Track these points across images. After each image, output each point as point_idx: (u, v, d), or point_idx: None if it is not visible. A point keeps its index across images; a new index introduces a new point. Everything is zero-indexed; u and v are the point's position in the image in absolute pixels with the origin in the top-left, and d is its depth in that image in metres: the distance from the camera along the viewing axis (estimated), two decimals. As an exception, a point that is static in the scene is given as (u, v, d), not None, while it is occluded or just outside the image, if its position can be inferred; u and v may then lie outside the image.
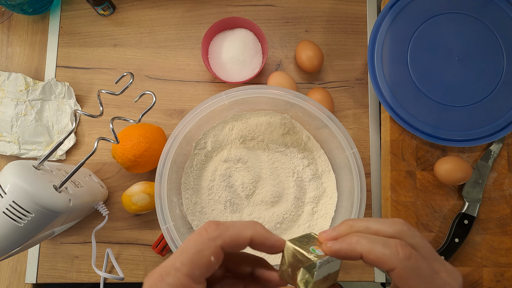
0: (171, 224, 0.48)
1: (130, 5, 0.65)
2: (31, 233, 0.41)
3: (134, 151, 0.54)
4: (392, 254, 0.23)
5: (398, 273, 0.23)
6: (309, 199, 0.56)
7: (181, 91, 0.63)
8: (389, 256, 0.23)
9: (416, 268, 0.23)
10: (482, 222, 0.58)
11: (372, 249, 0.24)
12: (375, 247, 0.24)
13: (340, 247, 0.25)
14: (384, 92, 0.56)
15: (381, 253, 0.23)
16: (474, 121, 0.56)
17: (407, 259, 0.23)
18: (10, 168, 0.40)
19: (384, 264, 0.23)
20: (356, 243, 0.24)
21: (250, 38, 0.61)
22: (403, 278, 0.23)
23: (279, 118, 0.56)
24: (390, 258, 0.23)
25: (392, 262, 0.23)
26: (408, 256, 0.23)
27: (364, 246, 0.24)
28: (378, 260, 0.23)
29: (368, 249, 0.24)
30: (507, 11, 0.57)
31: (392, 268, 0.23)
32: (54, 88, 0.61)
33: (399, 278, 0.23)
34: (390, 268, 0.23)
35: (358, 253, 0.24)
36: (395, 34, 0.57)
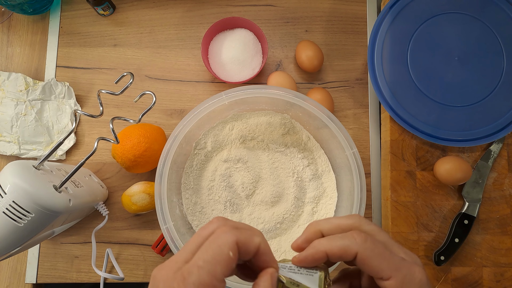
0: (171, 224, 0.48)
1: (130, 5, 0.65)
2: (31, 233, 0.41)
3: (134, 151, 0.54)
4: (350, 241, 0.26)
5: (360, 257, 0.25)
6: (309, 199, 0.56)
7: (181, 91, 0.63)
8: (348, 244, 0.26)
9: (374, 249, 0.26)
10: (482, 222, 0.58)
11: (333, 244, 0.26)
12: (335, 242, 0.26)
13: (306, 253, 0.27)
14: (384, 92, 0.56)
15: (342, 243, 0.26)
16: (474, 121, 0.56)
17: (364, 242, 0.26)
18: (10, 168, 0.40)
19: (347, 252, 0.25)
20: (318, 245, 0.27)
21: (250, 38, 0.61)
22: (365, 260, 0.25)
23: (279, 118, 0.56)
24: (349, 245, 0.26)
25: (352, 248, 0.25)
26: (364, 239, 0.26)
27: (325, 244, 0.26)
28: (341, 251, 0.26)
29: (329, 245, 0.26)
30: (507, 11, 0.57)
31: (354, 253, 0.25)
32: (54, 88, 0.61)
33: (362, 261, 0.25)
34: (353, 254, 0.25)
35: (323, 252, 0.26)
36: (395, 34, 0.57)
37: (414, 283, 0.25)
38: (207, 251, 0.24)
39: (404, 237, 0.57)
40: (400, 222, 0.57)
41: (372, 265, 0.25)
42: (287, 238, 0.56)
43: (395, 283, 0.25)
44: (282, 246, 0.55)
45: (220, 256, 0.23)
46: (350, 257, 0.26)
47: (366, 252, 0.25)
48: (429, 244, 0.57)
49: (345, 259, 0.26)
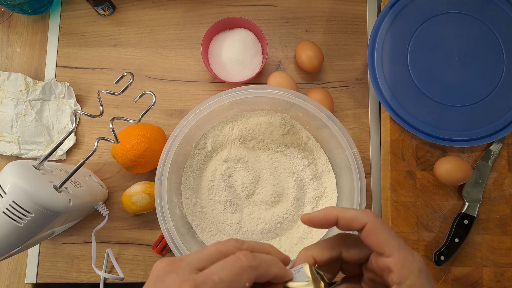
0: (171, 224, 0.48)
1: (130, 5, 0.65)
2: (31, 233, 0.41)
3: (134, 151, 0.54)
4: (362, 212, 0.28)
5: (369, 227, 0.27)
6: (309, 199, 0.56)
7: (181, 91, 0.63)
8: (360, 214, 0.27)
9: (383, 225, 0.27)
10: (482, 222, 0.58)
11: (345, 211, 0.28)
12: (348, 210, 0.28)
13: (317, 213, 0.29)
14: (384, 92, 0.56)
15: (354, 212, 0.28)
16: (474, 121, 0.56)
17: (375, 217, 0.27)
18: (10, 168, 0.40)
19: (357, 221, 0.27)
20: (332, 209, 0.28)
21: (250, 38, 0.61)
22: (372, 231, 0.27)
23: (279, 118, 0.56)
24: (361, 215, 0.27)
25: (363, 218, 0.27)
26: (376, 216, 0.28)
27: (339, 210, 0.28)
28: (352, 218, 0.27)
29: (342, 211, 0.28)
30: (507, 11, 0.57)
31: (364, 223, 0.27)
32: (54, 88, 0.61)
33: (369, 233, 0.27)
34: (362, 225, 0.27)
35: (334, 215, 0.28)
36: (395, 34, 0.57)
37: (414, 264, 0.26)
38: (225, 270, 0.24)
39: (404, 237, 0.57)
40: (400, 222, 0.57)
41: (378, 238, 0.26)
42: (287, 238, 0.56)
43: (396, 261, 0.25)
44: (282, 246, 0.55)
45: (237, 282, 0.24)
46: (358, 226, 0.27)
47: (376, 225, 0.27)
48: (429, 244, 0.57)
49: (353, 229, 0.27)
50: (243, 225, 0.55)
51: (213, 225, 0.56)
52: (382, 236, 0.26)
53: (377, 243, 0.26)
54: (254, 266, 0.25)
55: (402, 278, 0.25)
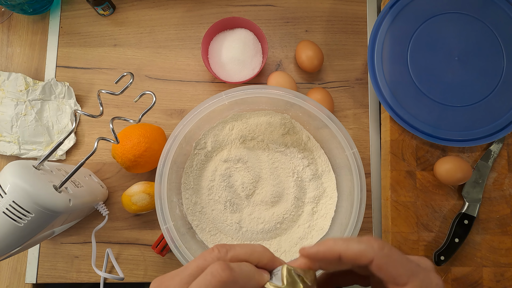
0: (171, 224, 0.48)
1: (130, 5, 0.65)
2: (31, 233, 0.41)
3: (134, 151, 0.54)
4: (367, 247, 0.25)
5: (377, 263, 0.25)
6: (309, 199, 0.56)
7: (181, 91, 0.63)
8: (365, 249, 0.25)
9: (391, 255, 0.25)
10: (482, 222, 0.58)
11: (349, 246, 0.25)
12: (351, 244, 0.25)
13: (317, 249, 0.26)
14: (384, 92, 0.56)
15: (358, 248, 0.25)
16: (474, 121, 0.56)
17: (381, 249, 0.25)
18: (10, 168, 0.40)
19: (362, 257, 0.25)
20: (333, 244, 0.26)
21: (250, 38, 0.61)
22: (382, 267, 0.25)
23: (279, 118, 0.56)
24: (366, 251, 0.25)
25: (369, 254, 0.25)
26: (382, 247, 0.25)
27: (341, 245, 0.26)
28: (356, 255, 0.25)
29: (345, 246, 0.25)
30: (507, 11, 0.57)
31: (371, 259, 0.25)
32: (54, 88, 0.61)
33: (378, 268, 0.25)
34: (369, 260, 0.25)
35: (337, 252, 0.25)
36: (395, 34, 0.57)
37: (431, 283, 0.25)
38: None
39: (404, 237, 0.57)
40: (400, 222, 0.57)
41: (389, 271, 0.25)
42: (287, 238, 0.56)
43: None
44: (282, 246, 0.55)
45: None
46: (365, 262, 0.25)
47: (384, 259, 0.25)
48: (429, 244, 0.57)
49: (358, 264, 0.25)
50: (243, 225, 0.55)
51: (213, 225, 0.56)
52: (393, 268, 0.25)
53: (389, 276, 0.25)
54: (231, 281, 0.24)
55: None
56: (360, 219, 0.49)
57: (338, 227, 0.53)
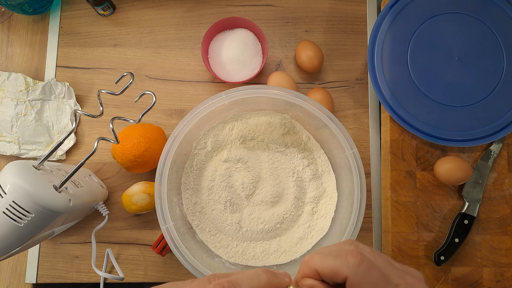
0: (171, 224, 0.48)
1: (130, 5, 0.65)
2: (31, 233, 0.41)
3: (134, 151, 0.54)
4: (342, 263, 0.23)
5: (350, 282, 0.23)
6: (309, 199, 0.56)
7: (181, 91, 0.63)
8: (339, 267, 0.23)
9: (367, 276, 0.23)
10: (482, 222, 0.58)
11: (324, 262, 0.24)
12: (327, 260, 0.24)
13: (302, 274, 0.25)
14: (384, 92, 0.56)
15: (333, 264, 0.23)
16: (474, 121, 0.56)
17: (357, 266, 0.23)
18: (10, 168, 0.40)
19: (337, 275, 0.23)
20: (310, 260, 0.24)
21: (250, 38, 0.61)
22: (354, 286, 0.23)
23: (279, 118, 0.56)
24: (340, 268, 0.23)
25: (342, 271, 0.23)
26: (358, 263, 0.23)
27: (316, 261, 0.24)
28: (332, 272, 0.23)
29: (320, 263, 0.24)
30: (507, 11, 0.57)
31: (345, 277, 0.23)
32: (54, 88, 0.61)
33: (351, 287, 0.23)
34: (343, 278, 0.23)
35: (314, 269, 0.24)
36: (395, 34, 0.57)
37: None
38: None
39: (404, 237, 0.57)
40: (400, 222, 0.57)
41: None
42: (287, 238, 0.56)
43: None
44: (282, 246, 0.55)
45: None
46: (340, 280, 0.23)
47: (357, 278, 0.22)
48: (429, 244, 0.57)
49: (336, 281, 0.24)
50: (243, 225, 0.55)
51: (213, 225, 0.56)
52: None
53: None
54: None
55: None
56: (360, 219, 0.49)
57: (338, 227, 0.53)
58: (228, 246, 0.55)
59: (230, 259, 0.54)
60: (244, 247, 0.55)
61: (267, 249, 0.55)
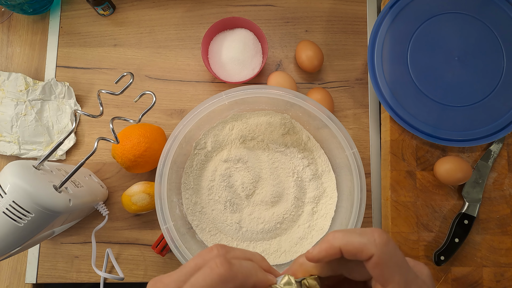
0: (171, 224, 0.48)
1: (130, 5, 0.65)
2: (31, 233, 0.41)
3: (134, 151, 0.54)
4: (369, 241, 0.23)
5: (375, 260, 0.23)
6: (309, 199, 0.56)
7: (181, 91, 0.63)
8: (366, 244, 0.23)
9: (393, 256, 0.23)
10: (482, 222, 0.58)
11: (349, 240, 0.24)
12: (352, 238, 0.24)
13: (319, 249, 0.25)
14: (384, 92, 0.56)
15: (358, 242, 0.23)
16: (474, 121, 0.56)
17: (385, 245, 0.23)
18: (10, 168, 0.40)
19: (363, 252, 0.23)
20: (332, 239, 0.24)
21: (250, 38, 0.61)
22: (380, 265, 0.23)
23: (279, 118, 0.56)
24: (367, 245, 0.23)
25: (369, 249, 0.23)
26: (385, 242, 0.23)
27: (341, 239, 0.24)
28: (356, 249, 0.23)
29: (345, 241, 0.24)
30: (507, 11, 0.57)
31: (370, 255, 0.23)
32: (54, 88, 0.61)
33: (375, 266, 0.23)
34: (369, 256, 0.23)
35: (337, 247, 0.24)
36: (395, 34, 0.57)
37: None
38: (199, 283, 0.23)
39: (404, 237, 0.57)
40: (400, 222, 0.57)
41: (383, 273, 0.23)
42: (287, 238, 0.56)
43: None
44: (282, 246, 0.55)
45: None
46: (365, 258, 0.23)
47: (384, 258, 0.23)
48: (429, 244, 0.57)
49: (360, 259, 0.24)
50: (243, 225, 0.55)
51: (213, 225, 0.56)
52: (388, 271, 0.23)
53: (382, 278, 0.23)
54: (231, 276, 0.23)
55: None
56: (360, 219, 0.49)
57: (338, 227, 0.53)
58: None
59: (230, 259, 0.54)
60: (244, 247, 0.55)
61: (267, 249, 0.55)
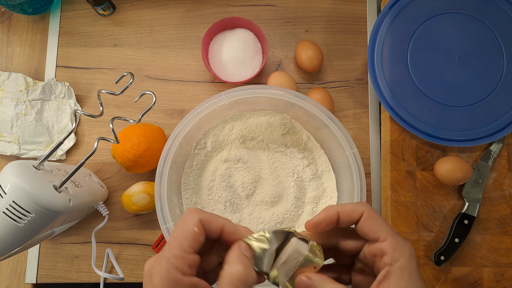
0: (171, 224, 0.48)
1: (130, 5, 0.65)
2: (31, 233, 0.41)
3: (134, 151, 0.54)
4: (358, 204, 0.30)
5: (366, 215, 0.29)
6: (309, 199, 0.56)
7: (181, 91, 0.63)
8: (357, 205, 0.30)
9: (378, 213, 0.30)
10: (482, 222, 0.58)
11: (343, 205, 0.31)
12: (345, 204, 0.31)
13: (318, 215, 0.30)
14: (384, 92, 0.56)
15: (351, 205, 0.30)
16: (474, 121, 0.56)
17: (370, 207, 0.30)
18: (10, 168, 0.40)
19: (355, 211, 0.30)
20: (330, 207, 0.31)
21: (250, 38, 0.61)
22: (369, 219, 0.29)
23: (279, 118, 0.56)
24: (358, 206, 0.30)
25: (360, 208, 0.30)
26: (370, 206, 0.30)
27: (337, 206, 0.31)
28: (350, 210, 0.30)
29: (340, 206, 0.30)
30: (507, 11, 0.57)
31: (361, 212, 0.29)
32: (54, 88, 0.61)
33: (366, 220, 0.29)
34: (360, 213, 0.30)
35: (334, 211, 0.30)
36: (395, 34, 0.57)
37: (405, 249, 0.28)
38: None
39: (404, 237, 0.57)
40: (400, 222, 0.57)
41: (373, 225, 0.29)
42: (287, 238, 0.56)
43: (389, 244, 0.28)
44: (282, 246, 0.55)
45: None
46: (357, 216, 0.30)
47: (371, 213, 0.29)
48: (429, 244, 0.57)
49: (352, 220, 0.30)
50: (243, 225, 0.55)
51: (213, 225, 0.56)
52: (377, 223, 0.29)
53: (373, 229, 0.29)
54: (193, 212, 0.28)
55: (394, 259, 0.28)
56: (360, 219, 0.49)
57: (338, 227, 0.53)
58: (228, 246, 0.55)
59: (230, 259, 0.54)
60: (244, 247, 0.55)
61: (267, 249, 0.55)
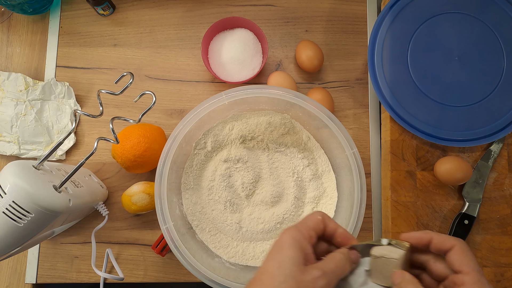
0: (171, 224, 0.48)
1: (130, 5, 0.65)
2: (31, 233, 0.41)
3: (134, 151, 0.54)
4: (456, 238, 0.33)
5: (457, 249, 0.32)
6: (309, 199, 0.56)
7: (181, 91, 0.63)
8: (450, 239, 0.33)
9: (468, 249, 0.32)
10: (482, 222, 0.58)
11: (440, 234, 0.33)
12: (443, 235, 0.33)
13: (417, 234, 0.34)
14: (384, 92, 0.56)
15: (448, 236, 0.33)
16: (474, 121, 0.56)
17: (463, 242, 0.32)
18: (10, 168, 0.40)
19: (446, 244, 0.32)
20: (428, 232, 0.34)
21: (250, 38, 0.61)
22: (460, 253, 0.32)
23: (279, 118, 0.56)
24: (450, 240, 0.32)
25: (452, 241, 0.32)
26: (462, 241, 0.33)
27: (432, 233, 0.34)
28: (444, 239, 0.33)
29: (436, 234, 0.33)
30: (507, 11, 0.57)
31: (452, 245, 0.32)
32: (54, 88, 0.61)
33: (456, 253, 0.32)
34: (451, 246, 0.32)
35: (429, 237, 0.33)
36: (395, 34, 0.57)
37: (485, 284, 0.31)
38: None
39: (404, 237, 0.57)
40: (400, 222, 0.57)
41: (463, 257, 0.31)
42: (287, 238, 0.56)
43: (471, 278, 0.31)
44: (282, 246, 0.55)
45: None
46: (448, 247, 0.32)
47: (464, 247, 0.32)
48: (429, 244, 0.57)
49: (443, 248, 0.32)
50: (243, 225, 0.55)
51: (213, 225, 0.56)
52: (467, 258, 0.31)
53: (460, 261, 0.31)
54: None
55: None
56: (360, 219, 0.49)
57: (338, 227, 0.53)
58: (228, 246, 0.55)
59: (230, 259, 0.54)
60: (244, 247, 0.55)
61: (267, 249, 0.55)
